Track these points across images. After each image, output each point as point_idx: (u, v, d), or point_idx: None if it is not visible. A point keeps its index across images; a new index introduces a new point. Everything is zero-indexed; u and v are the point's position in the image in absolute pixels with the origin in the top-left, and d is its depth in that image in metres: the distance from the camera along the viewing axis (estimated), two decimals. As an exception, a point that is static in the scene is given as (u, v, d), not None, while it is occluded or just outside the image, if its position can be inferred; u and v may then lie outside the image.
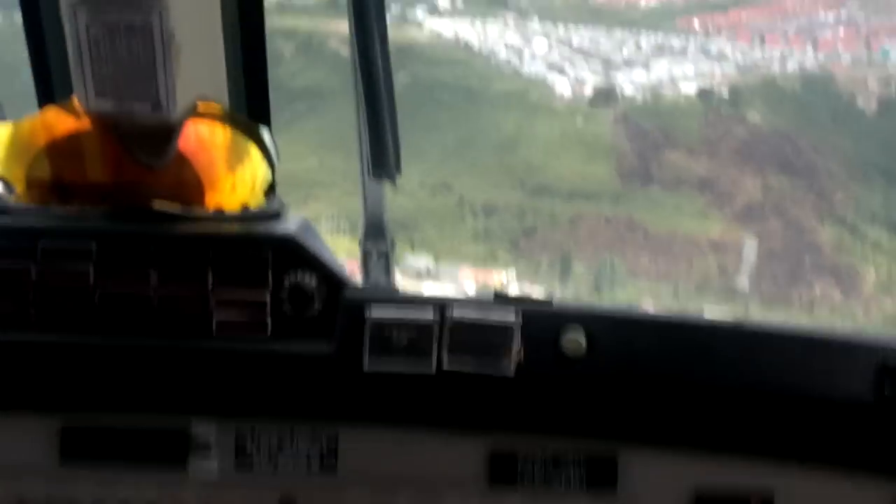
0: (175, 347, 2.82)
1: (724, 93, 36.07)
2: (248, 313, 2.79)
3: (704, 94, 35.77)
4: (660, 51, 39.57)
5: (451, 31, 38.86)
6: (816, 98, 36.60)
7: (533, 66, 37.30)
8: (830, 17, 44.12)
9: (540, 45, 38.89)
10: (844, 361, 2.77)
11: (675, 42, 40.51)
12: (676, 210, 31.04)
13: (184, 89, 2.75)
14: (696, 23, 41.72)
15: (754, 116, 34.68)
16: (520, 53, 38.20)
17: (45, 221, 2.89)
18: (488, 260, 28.59)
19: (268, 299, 2.81)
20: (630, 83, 36.51)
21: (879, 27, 43.47)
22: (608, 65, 37.82)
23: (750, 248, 29.87)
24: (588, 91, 35.97)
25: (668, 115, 34.41)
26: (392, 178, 3.60)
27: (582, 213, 30.41)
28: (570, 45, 38.91)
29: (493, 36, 39.42)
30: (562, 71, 37.07)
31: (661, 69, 37.71)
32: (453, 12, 40.16)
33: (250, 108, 3.36)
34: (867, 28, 43.40)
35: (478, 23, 40.13)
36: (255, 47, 3.33)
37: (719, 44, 40.60)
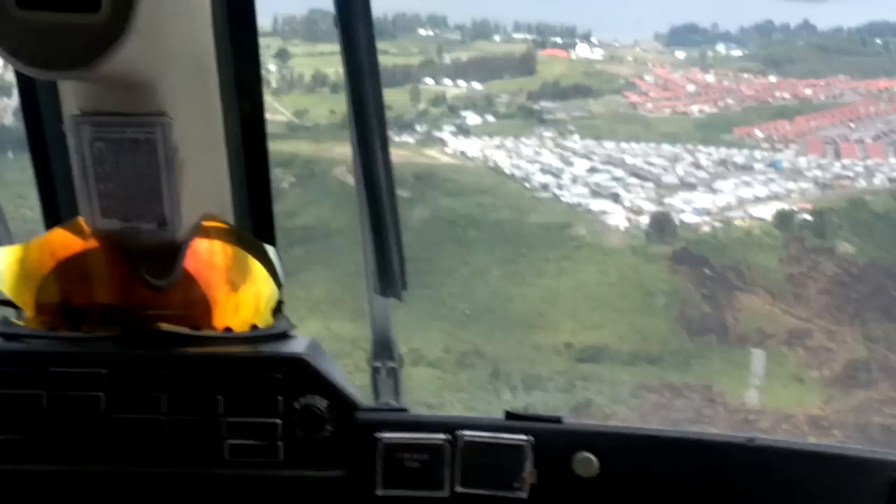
0: (187, 474, 2.74)
1: (806, 217, 29.58)
2: (259, 437, 2.72)
3: (783, 220, 29.29)
4: (722, 168, 33.50)
5: (479, 151, 33.04)
6: (915, 218, 30.10)
7: (575, 192, 31.16)
8: (912, 119, 39.01)
9: (582, 165, 32.92)
10: (857, 478, 2.68)
11: (738, 157, 34.61)
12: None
13: (189, 207, 2.70)
14: (757, 133, 37.66)
15: (844, 246, 28.17)
16: (559, 176, 32.19)
17: (56, 347, 2.80)
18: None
19: (279, 423, 2.72)
20: (691, 209, 30.15)
21: (970, 130, 37.65)
22: (663, 187, 31.61)
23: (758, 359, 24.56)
24: (642, 221, 29.66)
25: (741, 248, 28.01)
26: (398, 296, 3.32)
27: (645, 382, 23.92)
28: (619, 165, 32.84)
29: (528, 156, 33.69)
30: (610, 196, 30.84)
31: (726, 190, 31.45)
32: (482, 131, 34.62)
33: (255, 226, 3.09)
34: (957, 131, 37.78)
35: (509, 142, 34.42)
36: (259, 163, 3.03)
37: (789, 157, 34.95)
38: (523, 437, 2.68)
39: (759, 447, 2.66)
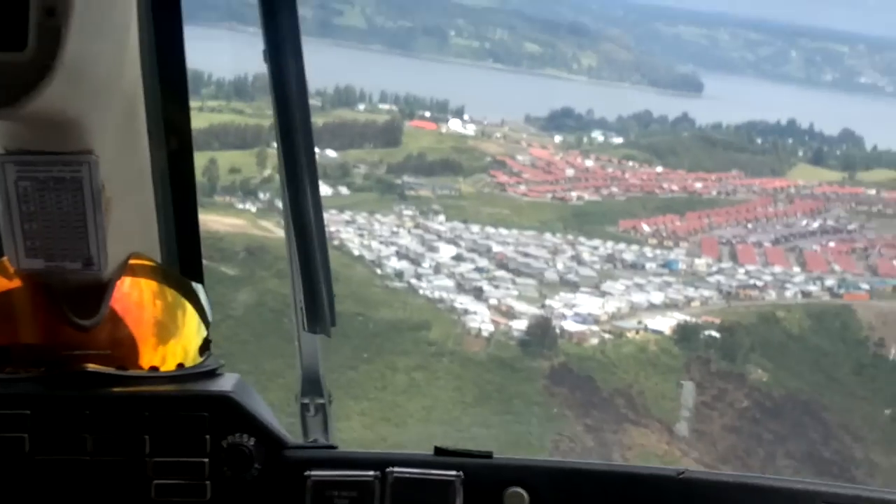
0: None
1: (712, 333, 24.06)
2: (186, 477, 2.60)
3: (685, 335, 23.73)
4: (609, 265, 28.05)
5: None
6: (834, 343, 24.81)
7: (437, 284, 25.30)
8: (814, 224, 34.20)
9: (447, 252, 27.14)
10: None
11: (627, 253, 29.27)
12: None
13: (115, 245, 2.61)
14: (644, 227, 32.70)
15: (756, 373, 22.72)
16: (419, 263, 26.35)
17: None
18: None
19: (206, 462, 2.61)
20: (573, 314, 24.44)
21: (878, 240, 32.99)
22: (541, 285, 25.90)
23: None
24: (515, 326, 23.82)
25: (633, 367, 22.41)
26: (327, 332, 3.26)
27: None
28: (488, 255, 27.11)
29: (382, 236, 27.93)
30: (476, 293, 25.00)
31: (615, 293, 25.87)
32: (331, 203, 28.91)
33: (182, 264, 3.06)
34: (865, 241, 33.10)
35: (361, 218, 28.67)
36: (187, 200, 3.03)
37: (683, 257, 29.82)
38: (453, 472, 2.56)
39: (688, 479, 2.60)
